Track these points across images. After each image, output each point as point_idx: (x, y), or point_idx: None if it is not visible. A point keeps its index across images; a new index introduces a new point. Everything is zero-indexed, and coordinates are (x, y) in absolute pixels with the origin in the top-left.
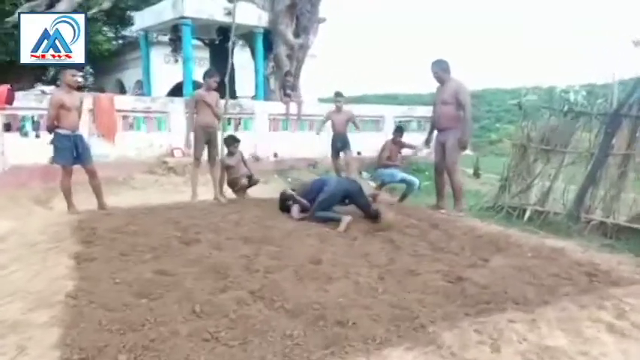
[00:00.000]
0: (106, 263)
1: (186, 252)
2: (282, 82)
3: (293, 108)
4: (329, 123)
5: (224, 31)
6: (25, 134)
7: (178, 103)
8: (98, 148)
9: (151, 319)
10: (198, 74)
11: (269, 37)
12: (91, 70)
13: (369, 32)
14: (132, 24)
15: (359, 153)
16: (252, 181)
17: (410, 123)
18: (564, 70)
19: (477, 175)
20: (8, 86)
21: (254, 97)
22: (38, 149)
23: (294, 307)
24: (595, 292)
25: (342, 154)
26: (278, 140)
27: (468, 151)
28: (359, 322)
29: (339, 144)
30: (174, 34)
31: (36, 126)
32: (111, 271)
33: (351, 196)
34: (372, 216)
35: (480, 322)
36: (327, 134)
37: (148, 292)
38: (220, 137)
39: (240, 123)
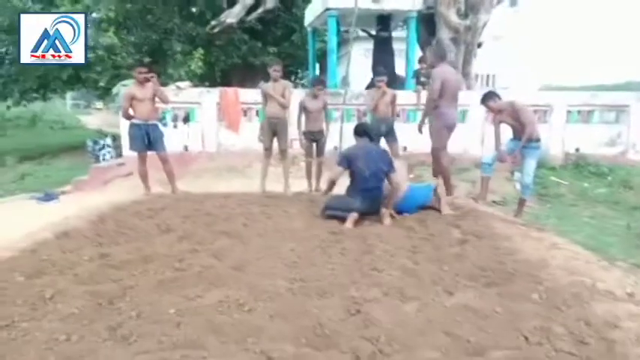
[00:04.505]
0: (66, 241)
1: (150, 240)
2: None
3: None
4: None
5: (383, 19)
6: (165, 125)
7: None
8: (226, 139)
9: None
10: (367, 67)
11: (433, 21)
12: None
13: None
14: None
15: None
16: (319, 143)
17: (592, 113)
18: None
19: None
20: None
21: (405, 87)
22: (175, 138)
23: (137, 314)
24: None
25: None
26: (406, 133)
27: None
28: None
29: (384, 128)
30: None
31: (174, 117)
32: (47, 252)
33: None
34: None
35: None
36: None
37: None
38: (339, 128)
39: (364, 114)
